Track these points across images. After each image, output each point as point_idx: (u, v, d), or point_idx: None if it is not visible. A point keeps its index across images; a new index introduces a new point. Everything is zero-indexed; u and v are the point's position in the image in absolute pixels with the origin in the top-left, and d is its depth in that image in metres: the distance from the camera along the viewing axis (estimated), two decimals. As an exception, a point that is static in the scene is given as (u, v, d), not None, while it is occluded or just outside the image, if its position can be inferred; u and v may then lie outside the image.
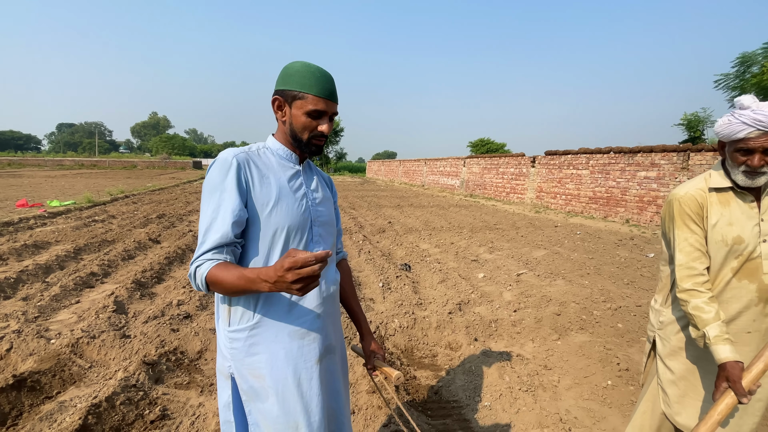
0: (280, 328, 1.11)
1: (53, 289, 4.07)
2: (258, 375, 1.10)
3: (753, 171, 1.36)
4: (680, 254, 1.48)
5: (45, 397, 2.41)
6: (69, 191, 14.72)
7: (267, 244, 1.10)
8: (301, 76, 1.10)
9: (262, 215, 1.09)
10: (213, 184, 1.06)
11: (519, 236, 8.31)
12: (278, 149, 1.19)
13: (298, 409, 1.11)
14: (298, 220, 1.13)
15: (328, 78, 1.12)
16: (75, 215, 8.99)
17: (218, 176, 1.06)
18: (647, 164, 10.69)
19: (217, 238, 1.01)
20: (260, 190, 1.09)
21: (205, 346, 3.05)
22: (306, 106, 1.10)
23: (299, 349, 1.13)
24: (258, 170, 1.11)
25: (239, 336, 1.10)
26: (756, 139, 1.32)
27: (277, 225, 1.10)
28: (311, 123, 1.12)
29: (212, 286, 0.99)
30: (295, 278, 0.83)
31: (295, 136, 1.15)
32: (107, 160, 44.13)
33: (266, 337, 1.10)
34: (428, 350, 3.26)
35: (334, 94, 1.14)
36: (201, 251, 1.02)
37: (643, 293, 4.67)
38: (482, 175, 18.87)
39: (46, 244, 6.09)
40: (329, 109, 1.12)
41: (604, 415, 2.39)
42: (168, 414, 2.27)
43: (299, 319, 1.13)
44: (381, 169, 38.00)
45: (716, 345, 1.32)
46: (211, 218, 1.03)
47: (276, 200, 1.10)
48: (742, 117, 1.34)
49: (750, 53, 15.58)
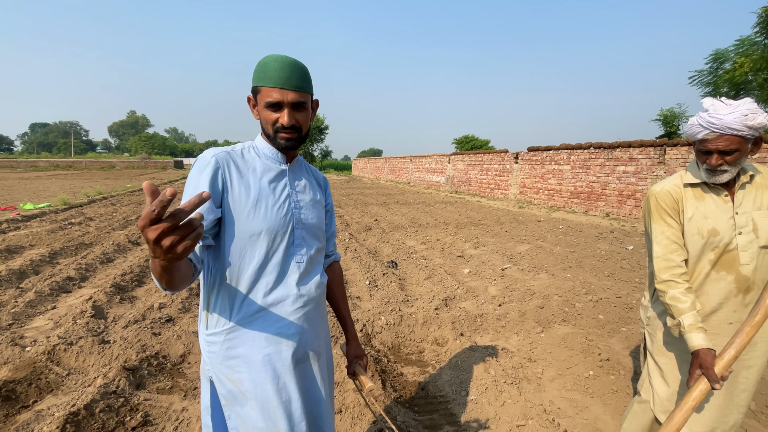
0: (257, 332, 1.09)
1: (28, 295, 3.94)
2: (236, 379, 1.09)
3: (713, 170, 1.42)
4: (657, 246, 1.53)
5: (21, 406, 2.33)
6: (44, 193, 14.23)
7: (243, 248, 1.07)
8: (260, 70, 1.07)
9: (239, 218, 1.06)
10: (189, 182, 1.05)
11: (503, 231, 8.42)
12: (264, 148, 1.16)
13: (279, 414, 1.09)
14: (277, 223, 1.10)
15: (283, 65, 1.05)
16: (50, 218, 8.70)
17: (195, 175, 1.05)
18: (626, 159, 10.95)
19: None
20: (238, 192, 1.06)
21: (188, 350, 3.00)
22: (263, 99, 1.07)
23: (277, 353, 1.11)
24: (238, 171, 1.08)
25: (217, 339, 1.09)
26: (712, 141, 1.38)
27: (254, 228, 1.07)
28: (271, 116, 1.08)
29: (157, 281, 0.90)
30: (155, 235, 0.67)
31: (266, 132, 1.12)
32: (84, 160, 42.83)
33: (243, 341, 1.09)
34: (415, 346, 3.27)
35: (291, 80, 1.05)
36: None
37: (623, 285, 4.79)
38: (467, 171, 19.02)
39: (19, 248, 5.88)
40: (284, 97, 1.05)
41: (586, 405, 2.45)
42: (150, 420, 2.22)
43: (275, 324, 1.11)
44: (367, 167, 37.92)
45: (690, 333, 1.37)
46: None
47: (254, 202, 1.07)
48: (700, 119, 1.40)
49: (723, 50, 16.11)
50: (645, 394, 1.69)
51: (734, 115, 1.32)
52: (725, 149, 1.36)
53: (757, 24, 14.60)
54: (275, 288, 1.11)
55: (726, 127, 1.33)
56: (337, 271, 1.43)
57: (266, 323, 1.10)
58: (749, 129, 1.32)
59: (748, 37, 15.23)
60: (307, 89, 1.10)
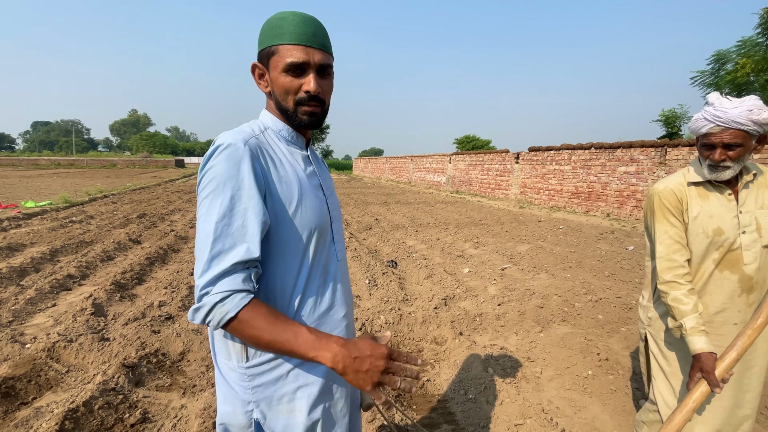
0: None
1: (28, 293, 3.95)
2: (293, 408, 0.90)
3: (716, 165, 1.42)
4: (660, 246, 1.52)
5: (20, 403, 2.34)
6: (45, 191, 14.25)
7: (297, 253, 0.88)
8: (273, 26, 0.86)
9: (284, 220, 0.85)
10: (221, 178, 0.78)
11: (503, 231, 8.42)
12: (281, 130, 0.94)
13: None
14: (322, 219, 0.92)
15: (305, 19, 0.86)
16: (51, 216, 8.72)
17: (228, 168, 0.79)
18: (627, 159, 10.93)
19: (238, 254, 0.76)
20: (281, 186, 0.85)
21: (188, 347, 3.01)
22: (281, 61, 0.85)
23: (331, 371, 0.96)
24: (272, 159, 0.87)
25: (264, 368, 0.88)
26: (716, 134, 1.38)
27: (302, 230, 0.87)
28: (292, 82, 0.86)
29: (233, 330, 0.77)
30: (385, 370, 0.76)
31: (281, 107, 0.91)
32: (85, 159, 42.92)
33: (296, 362, 0.90)
34: (414, 345, 3.28)
35: (317, 36, 0.86)
36: (216, 272, 0.75)
37: (623, 285, 4.78)
38: (468, 171, 19.02)
39: (20, 246, 5.89)
40: (310, 57, 0.85)
41: (584, 404, 2.45)
42: (149, 417, 2.23)
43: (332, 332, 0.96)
44: (368, 167, 37.92)
45: (692, 336, 1.36)
46: (225, 225, 0.76)
47: (299, 199, 0.87)
48: (705, 114, 1.40)
49: (724, 51, 16.07)
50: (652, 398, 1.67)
51: (739, 110, 1.33)
52: (730, 142, 1.36)
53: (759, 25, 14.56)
54: (324, 294, 0.95)
55: (731, 120, 1.34)
56: None
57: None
58: (754, 124, 1.33)
59: (750, 38, 15.19)
60: (332, 51, 0.92)
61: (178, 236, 6.92)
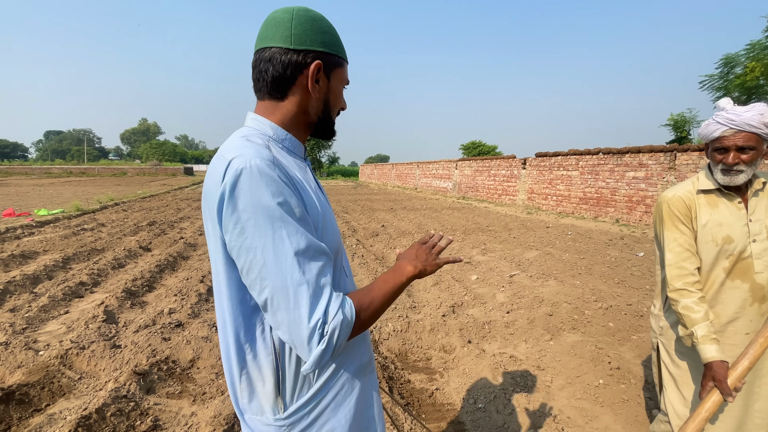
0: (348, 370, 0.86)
1: (41, 300, 4.01)
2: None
3: (729, 168, 1.42)
4: (670, 254, 1.51)
5: (34, 409, 2.37)
6: (57, 200, 14.50)
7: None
8: (334, 36, 0.83)
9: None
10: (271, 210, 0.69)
11: (511, 237, 8.37)
12: (285, 140, 0.83)
13: None
14: (338, 237, 0.86)
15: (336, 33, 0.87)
16: (63, 224, 8.86)
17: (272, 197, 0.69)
18: (635, 164, 10.85)
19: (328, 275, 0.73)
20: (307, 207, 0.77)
21: (198, 355, 3.03)
22: (345, 76, 0.87)
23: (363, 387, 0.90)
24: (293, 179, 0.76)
25: (304, 412, 0.81)
26: (729, 137, 1.39)
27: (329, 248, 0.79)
28: (341, 99, 0.89)
29: (359, 327, 0.76)
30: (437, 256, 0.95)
31: (326, 115, 0.87)
32: (96, 167, 43.64)
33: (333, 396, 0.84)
34: (422, 353, 3.26)
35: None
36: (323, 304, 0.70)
37: (634, 292, 4.73)
38: (474, 177, 18.99)
39: (33, 253, 6.00)
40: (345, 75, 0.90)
41: (596, 414, 2.42)
42: (160, 424, 2.25)
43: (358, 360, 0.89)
44: (374, 173, 38.03)
45: (703, 344, 1.34)
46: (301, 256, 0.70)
47: (322, 217, 0.79)
48: (718, 117, 1.42)
49: (733, 54, 15.95)
50: (664, 408, 1.65)
51: (752, 113, 1.35)
52: (743, 145, 1.37)
53: (768, 28, 14.45)
54: None
55: (744, 123, 1.35)
56: None
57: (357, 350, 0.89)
58: (766, 127, 1.35)
59: (759, 42, 15.07)
60: None
61: (188, 243, 6.99)
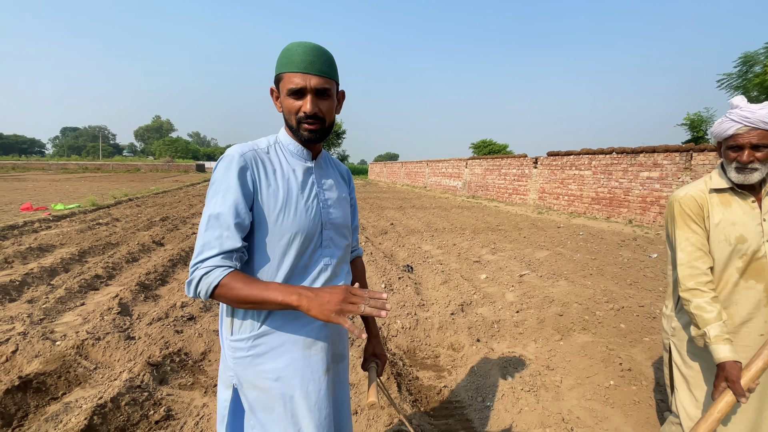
0: (286, 337, 1.05)
1: (58, 292, 4.11)
2: (263, 386, 1.04)
3: (743, 167, 1.40)
4: (682, 253, 1.49)
5: (50, 398, 2.44)
6: (73, 195, 14.81)
7: (272, 252, 1.02)
8: (282, 56, 1.02)
9: (269, 221, 1.01)
10: (217, 182, 0.99)
11: (521, 237, 8.31)
12: (289, 144, 1.10)
13: (306, 422, 1.05)
14: (307, 225, 1.05)
15: (306, 49, 1.00)
16: (79, 218, 9.06)
17: (223, 174, 0.99)
18: (650, 164, 10.66)
19: (224, 244, 0.94)
20: (267, 193, 1.01)
21: (209, 348, 3.07)
22: (285, 86, 1.01)
23: (305, 359, 1.07)
24: (265, 170, 1.03)
25: (243, 345, 1.04)
26: (743, 134, 1.38)
27: (283, 232, 1.02)
28: (293, 104, 1.02)
29: (220, 296, 0.93)
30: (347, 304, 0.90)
31: (289, 124, 1.06)
32: (111, 163, 44.42)
33: (271, 346, 1.04)
34: (431, 351, 3.26)
35: (314, 64, 0.99)
36: (206, 255, 0.94)
37: (646, 293, 4.66)
38: (484, 176, 18.87)
39: (50, 247, 6.14)
40: (306, 82, 0.99)
41: (606, 415, 2.39)
42: (172, 414, 2.29)
43: (304, 329, 1.06)
44: (383, 171, 38.03)
45: (716, 344, 1.33)
46: (215, 220, 0.96)
47: (283, 204, 1.02)
48: (732, 115, 1.40)
49: (752, 53, 15.54)
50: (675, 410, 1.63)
51: (766, 110, 1.34)
52: (758, 143, 1.35)
53: (790, 26, 14.04)
54: None
55: (759, 120, 1.34)
56: (359, 266, 1.39)
57: (295, 328, 1.05)
58: None
59: (780, 40, 14.64)
60: (332, 75, 1.04)
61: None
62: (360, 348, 3.08)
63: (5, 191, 15.58)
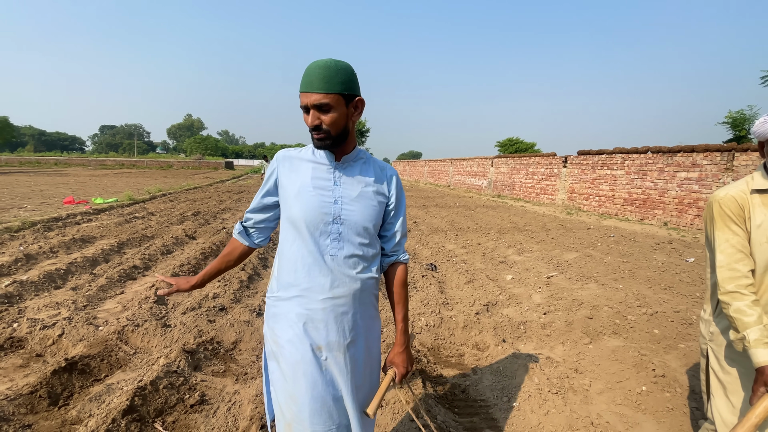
0: (290, 307, 1.24)
1: (100, 280, 4.34)
2: (275, 341, 1.26)
3: None
4: (721, 255, 1.44)
5: (94, 379, 2.59)
6: (111, 189, 15.56)
7: (287, 232, 1.28)
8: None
9: (285, 206, 1.27)
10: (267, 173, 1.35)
11: (549, 238, 8.12)
12: (314, 149, 1.30)
13: (301, 383, 1.19)
14: (313, 215, 1.21)
15: (310, 69, 1.13)
16: (117, 212, 9.51)
17: (269, 168, 1.33)
18: (688, 164, 10.19)
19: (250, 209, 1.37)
20: (285, 184, 1.27)
21: (240, 337, 3.18)
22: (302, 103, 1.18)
23: (301, 335, 1.22)
24: (290, 166, 1.28)
25: (269, 303, 1.31)
26: None
27: (293, 216, 1.23)
28: (305, 118, 1.18)
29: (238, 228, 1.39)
30: None
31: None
32: (145, 160, 46.26)
33: (280, 311, 1.26)
34: (455, 349, 3.26)
35: (312, 83, 1.11)
36: (243, 217, 1.40)
37: (682, 299, 4.47)
38: (511, 175, 18.53)
39: (92, 238, 6.48)
40: (306, 100, 1.13)
41: (637, 421, 2.33)
42: (206, 399, 2.39)
43: (304, 307, 1.23)
44: (406, 170, 37.96)
45: (755, 348, 1.28)
46: (257, 195, 1.35)
47: (296, 194, 1.23)
48: None
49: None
50: (710, 417, 1.58)
51: None
52: None
53: None
54: (308, 276, 1.22)
55: None
56: (397, 273, 1.37)
57: (297, 304, 1.23)
58: None
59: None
60: (332, 90, 1.11)
61: (229, 233, 7.31)
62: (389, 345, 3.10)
63: (49, 185, 16.54)
